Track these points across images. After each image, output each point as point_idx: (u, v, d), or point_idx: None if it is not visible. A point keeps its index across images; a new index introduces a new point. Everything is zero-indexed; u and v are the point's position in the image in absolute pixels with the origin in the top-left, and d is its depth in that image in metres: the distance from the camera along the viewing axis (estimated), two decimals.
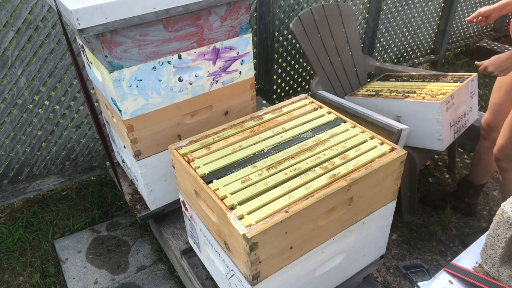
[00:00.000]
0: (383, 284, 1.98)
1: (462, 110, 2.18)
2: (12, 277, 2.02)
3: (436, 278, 0.94)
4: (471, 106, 2.28)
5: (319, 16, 2.51)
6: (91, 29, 1.26)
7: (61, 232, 2.25)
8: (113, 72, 1.39)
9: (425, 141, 2.12)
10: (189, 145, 1.36)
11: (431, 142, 2.10)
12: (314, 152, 1.29)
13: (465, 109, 2.21)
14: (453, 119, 2.11)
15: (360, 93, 2.42)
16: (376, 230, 1.42)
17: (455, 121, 2.14)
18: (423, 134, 2.10)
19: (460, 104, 2.14)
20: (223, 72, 1.66)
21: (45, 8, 2.04)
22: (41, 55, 2.14)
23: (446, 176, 2.63)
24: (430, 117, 2.03)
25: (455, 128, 2.16)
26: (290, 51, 3.10)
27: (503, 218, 0.85)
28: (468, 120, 2.29)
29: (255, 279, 1.11)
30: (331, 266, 1.34)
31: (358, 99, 2.36)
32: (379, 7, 3.28)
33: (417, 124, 2.10)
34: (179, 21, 1.44)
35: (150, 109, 1.54)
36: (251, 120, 1.48)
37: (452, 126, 2.11)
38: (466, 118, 2.25)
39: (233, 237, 1.09)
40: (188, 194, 1.37)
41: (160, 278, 1.96)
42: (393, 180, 1.31)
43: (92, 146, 2.55)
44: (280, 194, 1.13)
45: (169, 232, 1.91)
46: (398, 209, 2.28)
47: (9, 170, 2.35)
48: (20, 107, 2.20)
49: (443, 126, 2.02)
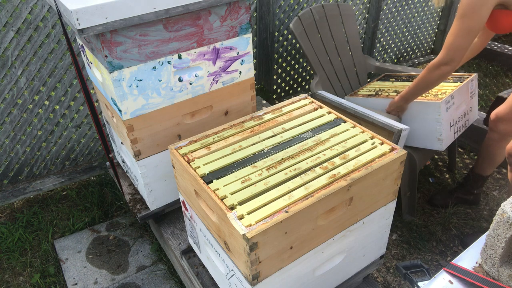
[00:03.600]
0: (383, 284, 1.98)
1: (462, 110, 2.18)
2: (12, 277, 2.02)
3: (436, 278, 0.94)
4: (471, 106, 2.27)
5: (319, 16, 2.51)
6: (91, 29, 1.26)
7: (61, 232, 2.25)
8: (113, 72, 1.39)
9: (425, 141, 2.12)
10: (189, 145, 1.36)
11: (431, 142, 2.10)
12: (314, 152, 1.29)
13: (465, 109, 2.20)
14: (453, 119, 2.11)
15: (360, 93, 2.42)
16: (376, 230, 1.42)
17: (455, 121, 2.14)
18: (423, 134, 2.10)
19: (460, 104, 2.14)
20: (223, 72, 1.66)
21: (45, 8, 2.04)
22: (41, 55, 2.14)
23: (446, 176, 2.63)
24: (430, 116, 2.03)
25: (455, 128, 2.16)
26: (290, 51, 3.10)
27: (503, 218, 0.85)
28: (468, 120, 2.28)
29: (255, 279, 1.11)
30: (331, 266, 1.34)
31: (358, 99, 2.35)
32: (379, 7, 3.28)
33: (417, 124, 2.10)
34: (179, 21, 1.44)
35: (150, 109, 1.54)
36: (251, 120, 1.48)
37: (452, 126, 2.11)
38: (466, 118, 2.25)
39: (233, 237, 1.09)
40: (188, 194, 1.37)
41: (160, 278, 1.96)
42: (393, 180, 1.31)
43: (92, 146, 2.55)
44: (280, 194, 1.13)
45: (169, 232, 1.91)
46: (398, 209, 2.28)
47: (9, 170, 2.35)
48: (20, 107, 2.20)
49: (443, 126, 2.02)
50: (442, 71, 1.84)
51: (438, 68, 1.84)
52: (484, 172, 2.24)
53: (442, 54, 1.82)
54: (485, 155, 2.18)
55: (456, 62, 1.81)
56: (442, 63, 1.82)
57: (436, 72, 1.86)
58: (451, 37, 1.78)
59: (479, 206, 2.38)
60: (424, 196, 2.47)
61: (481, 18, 1.72)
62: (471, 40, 1.76)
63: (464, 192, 2.35)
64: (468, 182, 2.32)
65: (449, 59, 1.80)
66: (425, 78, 1.91)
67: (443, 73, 1.85)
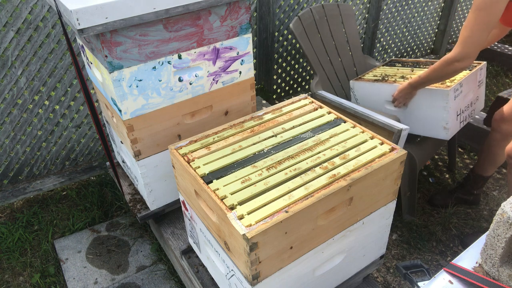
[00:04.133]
0: (383, 284, 1.98)
1: (469, 99, 2.14)
2: (12, 277, 2.02)
3: (436, 278, 0.94)
4: (478, 95, 2.23)
5: (319, 16, 2.51)
6: (91, 29, 1.26)
7: (61, 232, 2.25)
8: (113, 72, 1.39)
9: (430, 129, 2.08)
10: (189, 145, 1.36)
11: (436, 131, 2.06)
12: (314, 152, 1.29)
13: (472, 98, 2.16)
14: (460, 108, 2.07)
15: (366, 78, 2.36)
16: (376, 230, 1.42)
17: (462, 110, 2.09)
18: (429, 123, 2.06)
19: (468, 92, 2.10)
20: (223, 72, 1.66)
21: (45, 8, 2.04)
22: (41, 55, 2.14)
23: (446, 176, 2.63)
24: (437, 104, 1.99)
25: (462, 117, 2.11)
26: (290, 51, 3.10)
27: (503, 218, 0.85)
28: (474, 110, 2.23)
29: (255, 279, 1.11)
30: (331, 266, 1.34)
31: (363, 84, 2.30)
32: (379, 7, 3.28)
33: (423, 112, 2.06)
34: (179, 21, 1.44)
35: (150, 109, 1.54)
36: (251, 120, 1.48)
37: (458, 115, 2.07)
38: (473, 107, 2.20)
39: (233, 237, 1.09)
40: (188, 194, 1.37)
41: (160, 278, 1.96)
42: (393, 180, 1.31)
43: (92, 146, 2.55)
44: (280, 194, 1.13)
45: (169, 232, 1.91)
46: (398, 209, 2.28)
47: (9, 170, 2.35)
48: (20, 107, 2.20)
49: (450, 114, 1.98)
50: (455, 67, 1.79)
51: (452, 64, 1.79)
52: (485, 172, 2.23)
53: (457, 50, 1.76)
54: (486, 155, 2.17)
55: (472, 58, 1.75)
56: (457, 59, 1.76)
57: (449, 67, 1.81)
58: (467, 31, 1.70)
59: (479, 206, 2.38)
60: (424, 196, 2.47)
61: (498, 11, 1.65)
62: (487, 34, 1.70)
63: (464, 192, 2.34)
64: (468, 182, 2.32)
65: (464, 55, 1.74)
66: (438, 71, 1.86)
67: (457, 69, 1.80)
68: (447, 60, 1.80)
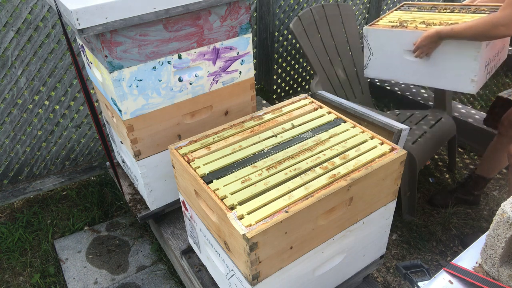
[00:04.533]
0: (383, 284, 1.98)
1: (497, 47, 1.99)
2: (12, 277, 2.02)
3: (436, 278, 0.94)
4: (504, 43, 2.08)
5: (319, 16, 2.51)
6: (91, 29, 1.26)
7: (61, 232, 2.25)
8: (113, 72, 1.39)
9: (455, 83, 1.92)
10: (189, 145, 1.36)
11: (463, 84, 1.90)
12: (314, 152, 1.29)
13: (499, 46, 2.00)
14: (488, 58, 1.91)
15: (381, 24, 2.12)
16: (376, 230, 1.42)
17: (490, 60, 1.95)
18: (455, 75, 1.90)
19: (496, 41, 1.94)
20: (223, 72, 1.66)
21: (45, 8, 2.04)
22: (41, 55, 2.14)
23: (446, 176, 2.63)
24: (467, 53, 1.81)
25: (488, 68, 1.96)
26: (290, 51, 3.10)
27: (503, 218, 0.85)
28: (500, 60, 2.09)
29: (255, 279, 1.11)
30: (331, 266, 1.34)
31: (380, 31, 2.07)
32: (379, 7, 3.28)
33: (449, 63, 1.90)
34: (179, 21, 1.44)
35: (150, 109, 1.54)
36: (251, 120, 1.48)
37: (486, 65, 1.92)
38: (498, 57, 2.06)
39: (233, 237, 1.09)
40: (188, 194, 1.37)
41: (160, 278, 1.96)
42: (393, 180, 1.31)
43: (92, 146, 2.55)
44: (280, 194, 1.13)
45: (169, 232, 1.91)
46: (398, 209, 2.28)
47: (9, 170, 2.35)
48: (20, 107, 2.20)
49: (479, 64, 1.82)
50: (500, 31, 1.62)
51: (496, 28, 1.62)
52: (487, 174, 2.22)
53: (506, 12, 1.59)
54: (490, 158, 2.15)
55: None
56: (501, 23, 1.60)
57: (493, 30, 1.64)
58: None
59: (479, 206, 2.38)
60: (424, 196, 2.47)
61: None
62: None
63: (464, 193, 2.34)
64: (469, 182, 2.32)
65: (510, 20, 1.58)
66: (477, 31, 1.70)
67: (498, 34, 1.64)
68: (492, 22, 1.63)
